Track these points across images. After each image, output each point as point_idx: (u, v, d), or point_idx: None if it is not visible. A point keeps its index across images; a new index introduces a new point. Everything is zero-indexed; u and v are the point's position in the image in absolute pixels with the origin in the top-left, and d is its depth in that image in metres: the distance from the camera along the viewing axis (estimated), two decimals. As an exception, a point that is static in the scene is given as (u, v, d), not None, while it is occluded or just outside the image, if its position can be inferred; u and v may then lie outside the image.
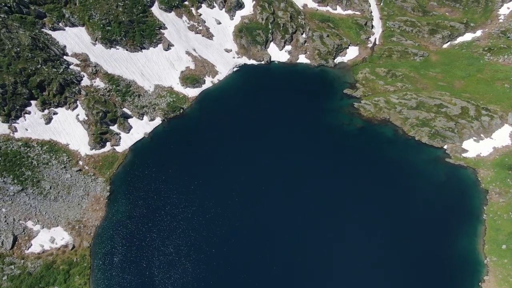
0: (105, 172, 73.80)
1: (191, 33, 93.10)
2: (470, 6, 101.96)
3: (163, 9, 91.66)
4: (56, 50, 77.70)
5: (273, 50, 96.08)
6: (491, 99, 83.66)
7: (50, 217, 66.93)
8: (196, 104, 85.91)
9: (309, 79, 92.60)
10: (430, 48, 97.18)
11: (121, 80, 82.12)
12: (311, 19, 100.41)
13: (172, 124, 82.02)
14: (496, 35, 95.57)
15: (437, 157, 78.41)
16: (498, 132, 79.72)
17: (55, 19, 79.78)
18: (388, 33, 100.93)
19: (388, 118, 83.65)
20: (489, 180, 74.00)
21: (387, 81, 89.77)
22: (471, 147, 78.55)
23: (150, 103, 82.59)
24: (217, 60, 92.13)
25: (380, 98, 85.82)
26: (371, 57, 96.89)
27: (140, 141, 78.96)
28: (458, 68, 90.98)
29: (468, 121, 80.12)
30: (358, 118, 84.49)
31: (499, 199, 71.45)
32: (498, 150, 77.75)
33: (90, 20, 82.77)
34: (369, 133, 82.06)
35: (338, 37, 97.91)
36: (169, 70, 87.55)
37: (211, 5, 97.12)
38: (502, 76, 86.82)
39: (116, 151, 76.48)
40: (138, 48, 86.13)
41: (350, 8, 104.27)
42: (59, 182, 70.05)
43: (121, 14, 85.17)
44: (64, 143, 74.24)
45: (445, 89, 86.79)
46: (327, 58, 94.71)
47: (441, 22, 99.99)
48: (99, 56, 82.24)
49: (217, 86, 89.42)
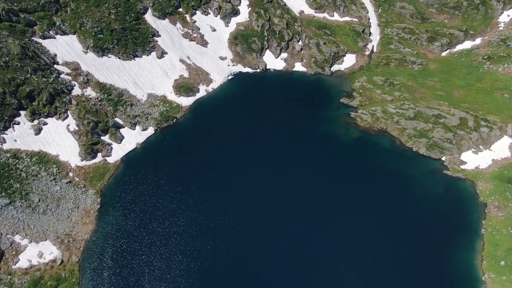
0: (95, 183, 72.36)
1: (185, 40, 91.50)
2: (470, 13, 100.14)
3: (157, 16, 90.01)
4: (47, 59, 76.23)
5: (268, 58, 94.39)
6: (491, 109, 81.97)
7: (39, 231, 65.56)
8: (189, 113, 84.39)
9: (305, 88, 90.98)
10: (428, 56, 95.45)
11: (113, 89, 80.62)
12: (308, 26, 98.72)
13: (165, 134, 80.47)
14: (496, 43, 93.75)
15: (435, 169, 76.85)
16: (497, 144, 78.06)
17: (46, 27, 78.26)
18: (386, 40, 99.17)
19: (385, 128, 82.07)
20: (488, 193, 72.43)
21: (385, 90, 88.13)
22: (470, 159, 76.98)
23: (142, 113, 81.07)
24: (211, 68, 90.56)
25: (377, 107, 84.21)
26: (369, 65, 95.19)
27: (132, 152, 77.47)
28: (457, 77, 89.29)
29: (466, 132, 78.48)
30: (354, 128, 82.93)
31: (498, 213, 69.90)
32: (497, 162, 76.11)
33: (82, 28, 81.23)
34: (365, 144, 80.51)
35: (335, 44, 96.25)
36: (162, 79, 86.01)
37: (206, 12, 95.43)
38: (501, 86, 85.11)
39: (107, 162, 75.02)
40: (130, 56, 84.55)
41: (347, 15, 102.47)
42: (48, 194, 68.66)
43: (114, 21, 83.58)
44: (54, 154, 72.82)
45: (443, 98, 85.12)
46: (323, 66, 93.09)
47: (440, 30, 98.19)
48: (90, 64, 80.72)
49: (211, 95, 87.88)
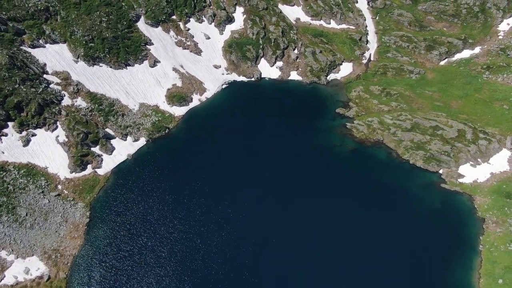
0: (85, 196, 70.72)
1: (178, 48, 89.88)
2: (469, 22, 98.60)
3: (150, 24, 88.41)
4: (36, 69, 74.57)
5: (263, 66, 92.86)
6: (489, 121, 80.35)
7: (25, 246, 63.87)
8: (182, 123, 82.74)
9: (300, 97, 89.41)
10: (426, 65, 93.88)
11: (104, 99, 78.96)
12: (304, 34, 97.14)
13: (157, 145, 78.77)
14: (495, 52, 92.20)
15: (432, 182, 75.20)
16: (496, 157, 76.40)
17: (35, 36, 76.52)
18: (384, 48, 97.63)
19: (381, 140, 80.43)
20: (486, 208, 70.79)
21: (382, 100, 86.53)
22: (468, 172, 75.30)
23: (134, 123, 79.43)
24: (205, 76, 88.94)
25: (374, 118, 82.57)
26: (366, 74, 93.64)
27: (123, 163, 75.75)
28: (455, 87, 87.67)
29: (464, 144, 76.86)
30: (350, 139, 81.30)
31: (496, 228, 68.26)
32: (496, 176, 74.45)
33: (72, 37, 79.53)
34: (361, 156, 78.87)
35: (331, 53, 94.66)
36: (155, 88, 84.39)
37: (200, 19, 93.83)
38: (500, 97, 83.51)
39: (97, 174, 73.37)
40: (122, 65, 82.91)
41: (344, 22, 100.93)
42: (36, 208, 66.99)
43: (105, 30, 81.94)
44: (43, 166, 71.13)
45: (441, 109, 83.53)
46: (319, 75, 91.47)
47: (439, 38, 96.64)
48: (81, 74, 79.07)
49: (205, 104, 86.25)
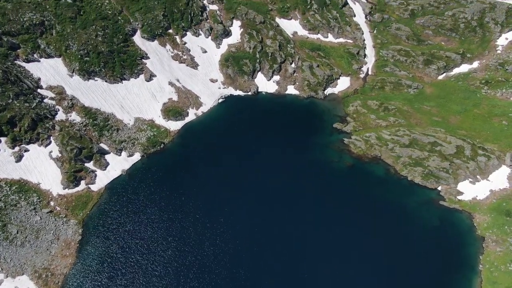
0: (78, 213, 69.49)
1: (174, 62, 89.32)
2: (467, 36, 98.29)
3: (146, 38, 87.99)
4: (30, 83, 73.86)
5: (260, 81, 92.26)
6: (488, 137, 79.44)
7: (16, 264, 62.53)
8: (178, 138, 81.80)
9: (297, 112, 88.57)
10: (424, 80, 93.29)
11: (99, 114, 78.15)
12: (301, 48, 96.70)
13: (152, 160, 77.69)
14: (494, 67, 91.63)
15: (430, 199, 74.01)
16: (495, 174, 75.34)
17: (30, 50, 75.89)
18: (381, 62, 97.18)
19: (379, 155, 79.45)
20: (486, 226, 69.52)
21: (379, 115, 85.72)
22: (467, 189, 74.16)
23: (129, 138, 78.51)
24: (201, 91, 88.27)
25: (372, 133, 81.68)
26: (363, 88, 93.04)
27: (117, 179, 74.64)
28: (453, 102, 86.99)
29: (463, 161, 75.83)
30: (348, 155, 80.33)
31: (496, 247, 66.90)
32: (495, 193, 73.28)
33: (67, 51, 78.97)
34: (359, 172, 77.79)
35: (328, 67, 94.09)
36: (150, 102, 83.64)
37: (197, 33, 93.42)
38: (499, 112, 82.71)
39: (90, 190, 72.20)
40: (118, 79, 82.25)
41: (342, 36, 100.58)
42: (27, 225, 65.74)
43: (101, 44, 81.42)
44: (35, 182, 70.02)
45: (439, 125, 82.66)
46: (317, 90, 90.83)
47: (437, 52, 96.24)
48: (76, 88, 78.35)
49: (201, 119, 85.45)
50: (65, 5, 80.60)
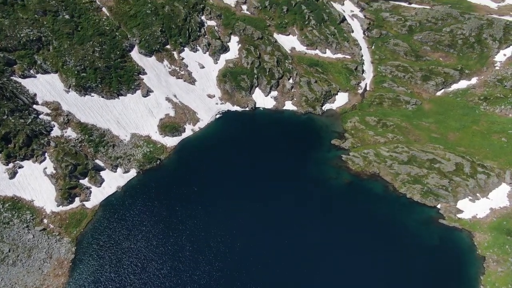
0: (71, 231, 68.27)
1: (172, 78, 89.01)
2: (465, 52, 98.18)
3: (143, 54, 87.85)
4: (25, 99, 73.37)
5: (258, 96, 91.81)
6: (488, 154, 78.62)
7: (7, 284, 61.08)
8: (174, 154, 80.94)
9: (295, 128, 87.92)
10: (423, 96, 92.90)
11: (95, 130, 77.46)
12: (299, 64, 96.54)
13: (148, 177, 76.71)
14: (493, 83, 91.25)
15: (430, 217, 72.81)
16: (495, 192, 74.28)
17: (26, 66, 75.55)
18: (380, 78, 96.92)
19: (377, 172, 78.55)
20: (486, 245, 68.24)
21: (378, 131, 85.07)
22: (467, 207, 73.03)
23: (125, 154, 77.70)
24: (198, 106, 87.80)
25: (370, 150, 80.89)
26: (361, 104, 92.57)
27: (112, 196, 73.52)
28: (452, 118, 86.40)
29: (463, 178, 74.87)
30: (346, 171, 79.38)
31: (497, 268, 65.54)
32: (496, 211, 72.17)
33: (64, 67, 78.65)
34: (357, 189, 76.74)
35: (326, 82, 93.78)
36: (147, 118, 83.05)
37: (195, 48, 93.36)
38: (498, 129, 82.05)
39: (85, 207, 71.13)
40: (114, 95, 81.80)
41: (340, 52, 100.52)
42: (19, 243, 64.53)
43: (98, 59, 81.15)
44: (29, 199, 69.00)
45: (438, 141, 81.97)
46: (314, 105, 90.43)
47: (435, 68, 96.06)
48: (72, 104, 77.82)
49: (198, 135, 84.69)
50: (63, 21, 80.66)
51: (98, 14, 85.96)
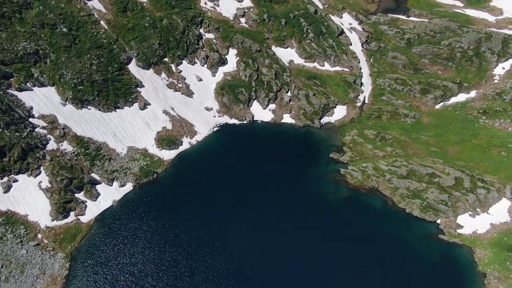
0: (66, 246, 67.27)
1: (169, 90, 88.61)
2: (464, 65, 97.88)
3: (141, 66, 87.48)
4: (21, 113, 72.85)
5: (256, 109, 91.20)
6: (487, 168, 77.83)
7: (-1, 301, 60.35)
8: (171, 167, 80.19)
9: (293, 141, 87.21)
10: (422, 109, 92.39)
11: (91, 143, 76.82)
12: (297, 76, 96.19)
13: (144, 190, 75.87)
14: (492, 96, 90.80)
15: (429, 233, 71.89)
16: (496, 207, 73.38)
17: (23, 79, 75.10)
18: (378, 91, 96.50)
19: (376, 187, 77.69)
20: (487, 262, 67.18)
21: (376, 145, 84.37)
22: (467, 222, 72.13)
23: (121, 167, 76.96)
24: (196, 119, 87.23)
25: (368, 164, 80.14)
26: (360, 117, 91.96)
27: (108, 210, 72.61)
28: (451, 132, 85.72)
29: (462, 193, 73.97)
30: (344, 186, 78.54)
31: (499, 285, 64.40)
32: (496, 227, 71.21)
33: (61, 80, 78.26)
34: (356, 204, 75.90)
35: (325, 95, 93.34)
36: (144, 131, 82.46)
37: (193, 61, 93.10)
38: (498, 143, 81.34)
39: (80, 222, 70.21)
40: (111, 107, 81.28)
41: (338, 65, 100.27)
42: (12, 259, 63.50)
43: (95, 72, 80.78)
44: (23, 214, 68.11)
45: (437, 155, 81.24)
46: (313, 119, 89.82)
47: (433, 81, 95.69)
48: (68, 117, 77.28)
49: (195, 148, 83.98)
50: (60, 34, 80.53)
51: (96, 27, 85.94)
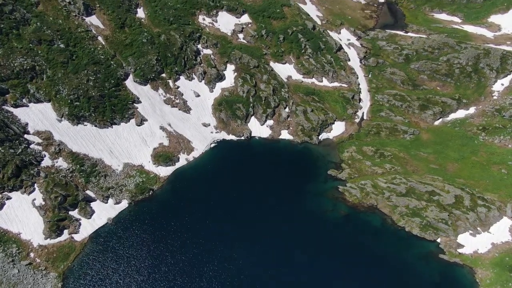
0: (58, 265, 65.86)
1: (167, 106, 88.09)
2: (462, 81, 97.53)
3: (138, 82, 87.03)
4: (16, 129, 72.11)
5: (254, 125, 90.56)
6: (488, 186, 76.71)
7: (-12, 322, 58.85)
8: (167, 184, 79.17)
9: (291, 158, 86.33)
10: (420, 125, 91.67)
11: (87, 159, 75.98)
12: (295, 92, 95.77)
13: (140, 208, 74.78)
14: (491, 113, 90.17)
15: (430, 252, 70.59)
16: (497, 226, 72.10)
17: (19, 95, 74.42)
18: (377, 107, 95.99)
19: (375, 204, 76.56)
20: (489, 282, 65.69)
21: (375, 161, 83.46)
22: (467, 241, 70.81)
23: (116, 184, 75.97)
24: (193, 135, 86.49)
25: (367, 181, 79.10)
26: (358, 133, 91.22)
27: (103, 228, 71.47)
28: (451, 149, 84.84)
29: (463, 211, 72.79)
30: (343, 203, 77.46)
31: (501, 306, 63.14)
32: (498, 246, 69.84)
33: (57, 96, 77.64)
34: (354, 222, 74.72)
35: (323, 111, 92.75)
36: (140, 147, 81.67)
37: (190, 77, 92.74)
38: (498, 160, 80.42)
39: (73, 240, 68.93)
40: (108, 123, 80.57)
41: (336, 80, 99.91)
42: (4, 279, 62.08)
43: (92, 88, 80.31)
44: (16, 232, 66.88)
45: (437, 172, 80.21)
46: (311, 135, 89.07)
47: (432, 97, 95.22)
48: (64, 133, 76.54)
49: (192, 164, 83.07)
50: (57, 50, 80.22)
51: (93, 43, 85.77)
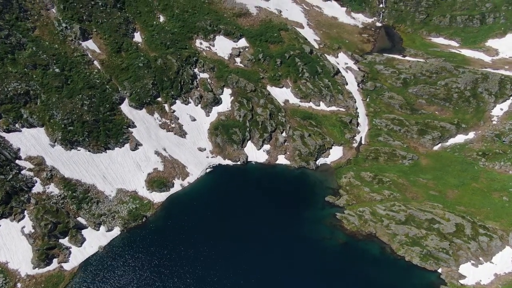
0: (46, 296, 63.97)
1: (162, 131, 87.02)
2: (461, 106, 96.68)
3: (133, 107, 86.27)
4: (8, 154, 70.96)
5: (250, 150, 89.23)
6: (489, 214, 74.74)
7: None
8: (161, 211, 77.43)
9: (288, 183, 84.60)
10: (419, 150, 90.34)
11: (79, 185, 74.44)
12: (292, 116, 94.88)
13: (132, 235, 72.89)
14: (490, 138, 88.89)
15: (431, 283, 67.96)
16: (499, 256, 69.73)
17: (11, 120, 73.60)
18: (375, 131, 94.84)
19: (374, 232, 74.47)
20: (492, 316, 63.56)
21: (373, 187, 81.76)
22: (469, 272, 68.30)
23: (109, 211, 74.22)
24: (188, 160, 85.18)
25: (366, 208, 77.25)
26: (356, 158, 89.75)
27: (94, 256, 69.48)
28: (450, 175, 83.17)
29: (464, 241, 70.65)
30: (340, 231, 75.43)
31: None
32: (501, 278, 67.43)
33: (51, 120, 76.71)
34: (352, 251, 72.46)
35: (320, 136, 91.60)
36: (134, 172, 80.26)
37: (186, 101, 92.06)
38: (499, 187, 78.67)
39: (63, 270, 66.88)
40: (102, 148, 79.32)
41: (334, 104, 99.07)
42: (-12, 311, 60.24)
43: (86, 113, 79.46)
44: (3, 261, 64.90)
45: (437, 199, 78.38)
46: (308, 160, 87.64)
47: (431, 122, 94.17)
48: (56, 159, 75.26)
49: (187, 190, 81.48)
50: (52, 74, 79.75)
51: (89, 67, 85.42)
